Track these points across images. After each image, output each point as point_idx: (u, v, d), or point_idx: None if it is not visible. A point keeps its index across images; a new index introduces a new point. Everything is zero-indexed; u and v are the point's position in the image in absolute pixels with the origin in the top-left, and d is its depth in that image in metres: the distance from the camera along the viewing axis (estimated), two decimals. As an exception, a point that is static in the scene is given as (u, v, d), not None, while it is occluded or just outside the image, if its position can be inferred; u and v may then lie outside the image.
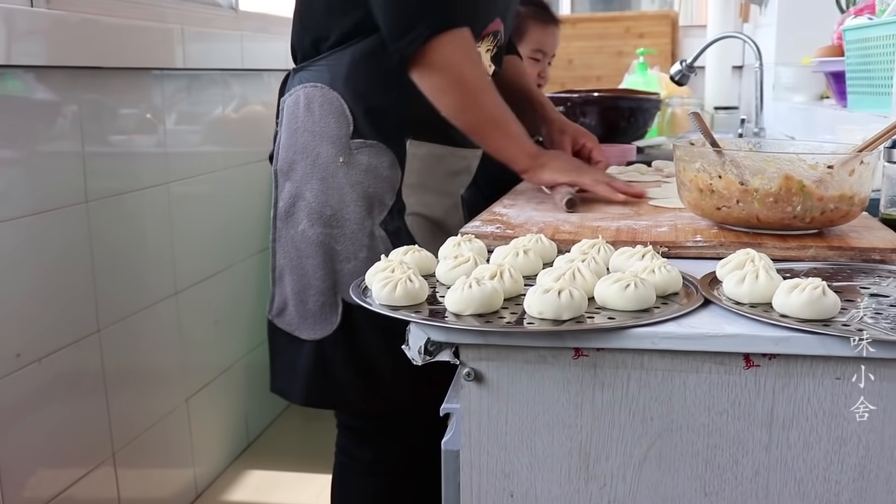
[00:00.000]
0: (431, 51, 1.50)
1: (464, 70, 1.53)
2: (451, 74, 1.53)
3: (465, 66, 1.53)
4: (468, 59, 1.54)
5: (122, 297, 2.06)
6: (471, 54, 1.55)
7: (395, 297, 0.96)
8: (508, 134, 1.59)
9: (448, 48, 1.51)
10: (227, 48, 2.57)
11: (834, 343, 0.85)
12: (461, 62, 1.53)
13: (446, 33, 1.50)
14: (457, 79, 1.54)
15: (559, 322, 0.90)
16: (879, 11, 2.07)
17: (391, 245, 1.60)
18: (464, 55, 1.53)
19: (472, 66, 1.55)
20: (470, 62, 1.54)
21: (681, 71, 2.89)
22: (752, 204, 1.21)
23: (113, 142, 2.04)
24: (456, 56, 1.52)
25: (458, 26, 1.51)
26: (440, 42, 1.50)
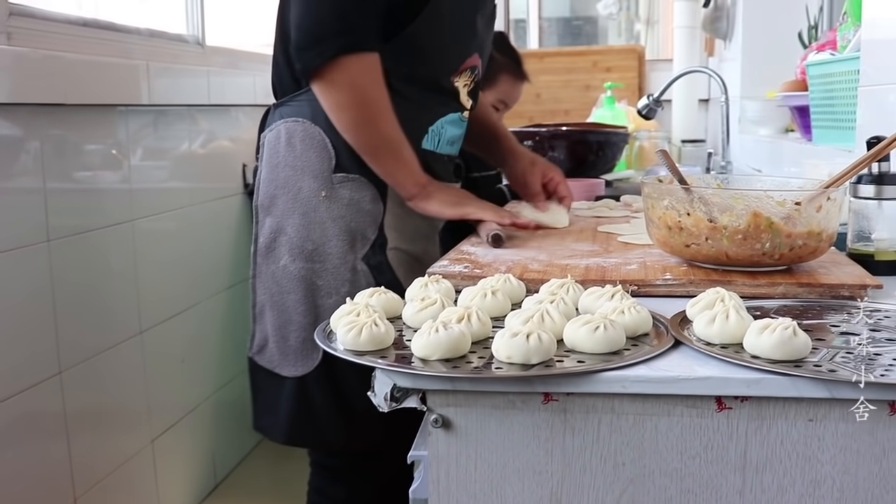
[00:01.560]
0: (337, 68, 1.51)
1: (367, 91, 1.54)
2: (353, 93, 1.53)
3: (369, 88, 1.54)
4: (373, 81, 1.54)
5: (85, 338, 2.02)
6: (376, 77, 1.54)
7: (360, 342, 0.94)
8: (400, 159, 1.59)
9: (354, 68, 1.52)
10: (194, 83, 2.55)
11: (806, 384, 0.84)
12: (365, 83, 1.53)
13: (356, 54, 1.51)
14: (358, 98, 1.54)
15: (528, 366, 0.88)
16: (841, 47, 2.09)
17: (373, 280, 1.59)
18: (369, 77, 1.53)
19: (376, 89, 1.54)
20: (374, 84, 1.54)
21: (648, 105, 2.90)
22: (721, 241, 1.20)
23: (77, 178, 2.01)
24: (361, 77, 1.53)
25: (368, 50, 1.52)
26: (348, 61, 1.51)
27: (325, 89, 1.54)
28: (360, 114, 1.55)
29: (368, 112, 1.55)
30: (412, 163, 1.60)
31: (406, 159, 1.59)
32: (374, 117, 1.55)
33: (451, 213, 1.61)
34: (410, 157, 1.59)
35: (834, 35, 2.20)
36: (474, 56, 1.70)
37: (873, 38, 1.61)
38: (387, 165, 1.59)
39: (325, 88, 1.54)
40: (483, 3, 1.73)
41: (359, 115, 1.55)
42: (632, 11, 5.30)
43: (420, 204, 1.61)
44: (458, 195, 1.66)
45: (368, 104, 1.54)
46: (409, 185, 1.60)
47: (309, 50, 1.51)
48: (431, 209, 1.61)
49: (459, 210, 1.61)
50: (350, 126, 1.56)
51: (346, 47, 1.50)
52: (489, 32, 1.82)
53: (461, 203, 1.62)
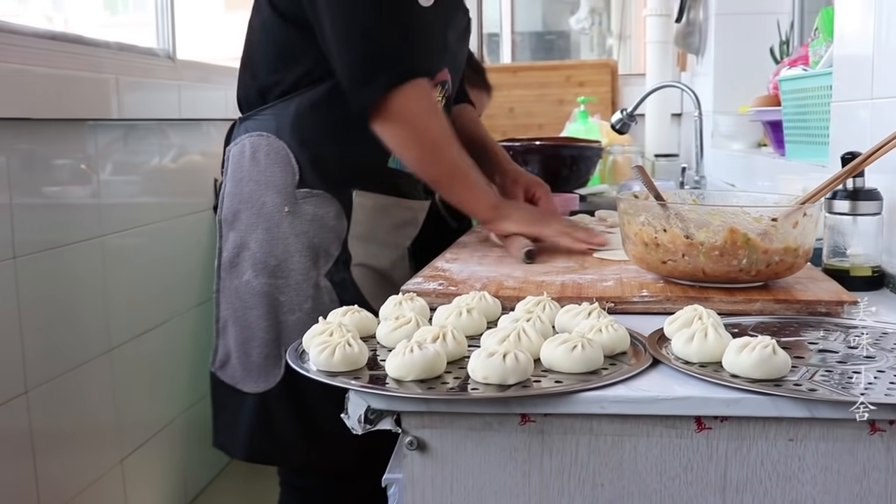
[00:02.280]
0: (392, 102, 1.48)
1: (425, 121, 1.52)
2: (412, 126, 1.52)
3: (426, 118, 1.52)
4: (429, 109, 1.53)
5: (52, 356, 1.98)
6: (431, 105, 1.53)
7: (333, 363, 0.92)
8: (470, 185, 1.58)
9: (408, 99, 1.49)
10: (165, 98, 2.52)
11: (786, 404, 0.83)
12: (422, 113, 1.52)
13: (406, 84, 1.48)
14: (418, 130, 1.52)
15: (504, 387, 0.87)
16: (813, 63, 2.10)
17: (336, 296, 1.57)
18: (425, 106, 1.52)
19: (433, 117, 1.53)
20: (431, 113, 1.53)
21: (621, 119, 2.90)
22: (697, 258, 1.20)
23: (44, 194, 1.98)
24: (416, 107, 1.51)
25: (417, 76, 1.50)
26: (400, 93, 1.48)
27: (383, 128, 1.52)
28: (423, 147, 1.54)
29: (430, 144, 1.54)
30: (482, 186, 1.60)
31: (476, 185, 1.59)
32: (436, 148, 1.54)
33: (529, 231, 1.59)
34: (479, 181, 1.59)
35: (806, 50, 2.21)
36: (444, 71, 1.69)
37: (845, 54, 1.61)
38: (458, 193, 1.60)
39: (383, 127, 1.52)
40: (454, 18, 1.72)
41: (421, 149, 1.54)
42: (604, 26, 5.33)
43: (497, 226, 1.61)
44: (532, 213, 1.66)
45: (429, 135, 1.53)
46: (484, 210, 1.60)
47: (361, 91, 1.48)
48: (509, 228, 1.59)
49: (538, 230, 1.60)
50: (416, 161, 1.56)
51: (395, 79, 1.48)
52: (462, 48, 1.81)
53: (539, 222, 1.62)
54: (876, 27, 1.43)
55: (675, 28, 3.49)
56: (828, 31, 1.99)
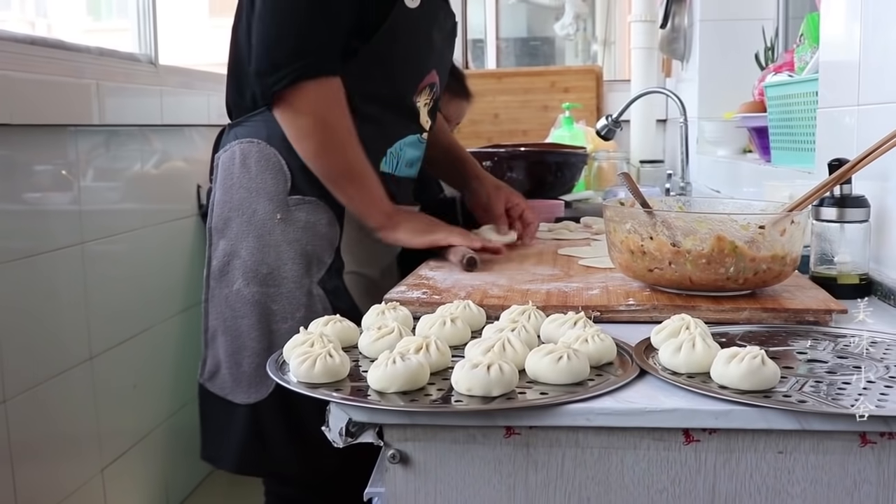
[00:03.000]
0: (299, 93, 1.48)
1: (328, 117, 1.50)
2: (314, 120, 1.50)
3: (331, 113, 1.51)
4: (335, 107, 1.51)
5: (31, 365, 1.95)
6: (339, 102, 1.51)
7: (313, 374, 0.90)
8: (365, 187, 1.56)
9: (316, 93, 1.49)
10: (146, 103, 2.49)
11: (776, 416, 0.82)
12: (327, 108, 1.50)
13: (317, 79, 1.47)
14: (320, 125, 1.51)
15: (489, 399, 0.85)
16: (798, 69, 2.09)
17: (329, 304, 1.56)
18: (332, 102, 1.50)
19: (338, 115, 1.51)
20: (336, 110, 1.51)
21: (607, 126, 2.89)
22: (684, 266, 1.18)
23: (24, 200, 1.95)
24: (323, 102, 1.50)
25: (329, 74, 1.49)
26: (308, 86, 1.47)
27: (286, 116, 1.51)
28: (323, 141, 1.52)
29: (331, 139, 1.52)
30: (378, 192, 1.56)
31: (371, 188, 1.56)
32: (337, 144, 1.52)
33: (420, 242, 1.57)
34: (376, 185, 1.56)
35: (791, 56, 2.20)
36: (432, 73, 1.67)
37: (831, 60, 1.60)
38: (351, 194, 1.56)
39: (286, 115, 1.51)
40: (440, 18, 1.70)
41: (322, 142, 1.52)
42: (589, 32, 5.32)
43: (388, 234, 1.57)
44: (424, 222, 1.62)
45: (331, 130, 1.51)
46: (376, 215, 1.57)
47: (269, 75, 1.48)
48: (400, 239, 1.57)
49: (428, 237, 1.57)
50: (313, 153, 1.53)
51: (306, 72, 1.46)
52: (449, 49, 1.79)
53: (429, 230, 1.59)
54: (862, 33, 1.43)
55: (660, 34, 3.48)
56: (813, 36, 1.98)
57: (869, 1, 1.41)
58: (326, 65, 1.49)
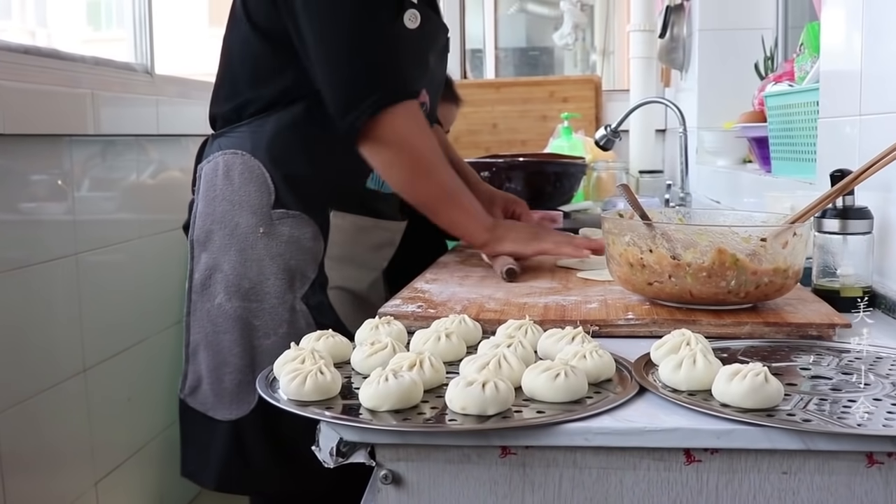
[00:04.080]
0: (381, 124, 1.44)
1: (415, 143, 1.48)
2: (401, 148, 1.47)
3: (416, 140, 1.48)
4: (419, 131, 1.49)
5: (23, 377, 1.93)
6: (421, 126, 1.49)
7: (304, 392, 0.88)
8: (462, 208, 1.54)
9: (398, 121, 1.45)
10: (142, 113, 2.48)
11: (780, 435, 0.80)
12: (412, 135, 1.48)
13: (396, 106, 1.44)
14: (408, 153, 1.48)
15: (484, 418, 0.83)
16: (799, 78, 2.08)
17: (313, 320, 1.53)
18: (414, 128, 1.48)
19: (424, 139, 1.49)
20: (421, 135, 1.49)
21: (605, 136, 2.88)
22: (684, 279, 1.16)
23: (19, 210, 1.93)
24: (406, 129, 1.47)
25: (406, 98, 1.46)
26: (390, 115, 1.44)
27: (371, 150, 1.48)
28: (412, 169, 1.50)
29: (420, 165, 1.49)
30: (476, 209, 1.55)
31: (468, 207, 1.54)
32: (427, 170, 1.50)
33: (530, 251, 1.55)
34: (472, 203, 1.54)
35: (791, 66, 2.18)
36: (423, 93, 1.65)
37: (832, 70, 1.59)
38: (450, 217, 1.54)
39: (371, 149, 1.48)
40: (436, 39, 1.68)
41: (411, 172, 1.50)
42: (587, 42, 5.31)
43: (494, 248, 1.55)
44: (528, 231, 1.60)
45: (418, 157, 1.49)
46: (479, 233, 1.55)
47: (349, 113, 1.44)
48: (508, 250, 1.54)
49: (537, 246, 1.55)
50: (406, 183, 1.51)
51: (385, 100, 1.43)
52: (441, 68, 1.77)
53: (537, 238, 1.57)
54: (863, 42, 1.41)
55: (659, 44, 3.47)
56: (813, 46, 1.96)
57: (869, 9, 1.39)
58: (401, 90, 1.46)
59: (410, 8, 1.54)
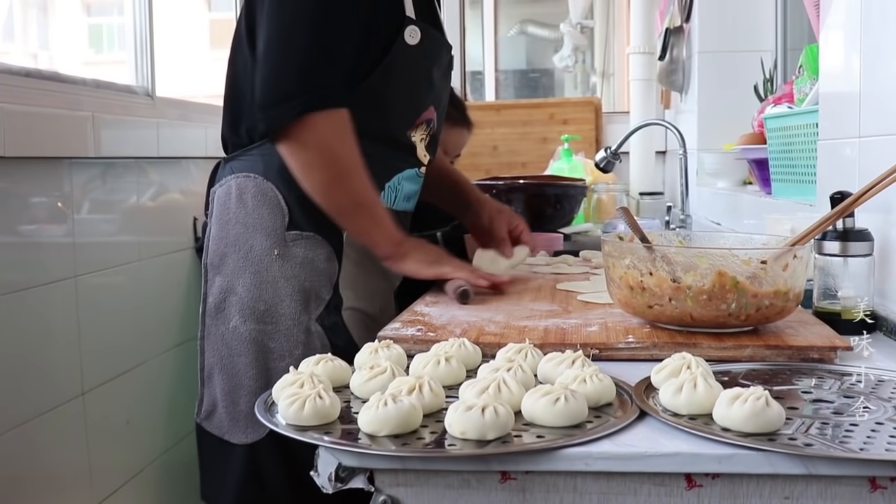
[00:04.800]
0: (304, 126, 1.45)
1: (335, 149, 1.48)
2: (321, 152, 1.48)
3: (339, 146, 1.48)
4: (342, 139, 1.48)
5: (21, 400, 1.92)
6: (346, 134, 1.49)
7: (303, 417, 0.87)
8: (374, 218, 1.53)
9: (322, 126, 1.46)
10: (143, 135, 2.48)
11: (781, 460, 0.79)
12: (334, 141, 1.48)
13: (322, 111, 1.45)
14: (327, 157, 1.48)
15: (484, 443, 0.82)
16: (798, 100, 2.08)
17: (328, 342, 1.53)
18: (338, 135, 1.48)
19: (346, 147, 1.49)
20: (344, 142, 1.49)
21: (605, 158, 2.88)
22: (685, 302, 1.16)
23: (18, 233, 1.92)
24: (329, 135, 1.47)
25: (336, 106, 1.46)
26: (314, 119, 1.45)
27: (292, 149, 1.48)
28: (331, 173, 1.49)
29: (339, 171, 1.49)
30: (386, 221, 1.54)
31: (380, 218, 1.53)
32: (345, 176, 1.49)
33: (428, 273, 1.54)
34: (384, 215, 1.54)
35: (790, 88, 2.19)
36: (430, 109, 1.66)
37: (831, 92, 1.59)
38: (360, 225, 1.54)
39: (292, 148, 1.48)
40: (439, 56, 1.69)
41: (329, 175, 1.49)
42: (587, 64, 5.33)
43: (396, 263, 1.55)
44: (434, 253, 1.60)
45: (339, 163, 1.49)
46: (385, 245, 1.54)
47: (273, 108, 1.45)
48: (408, 269, 1.55)
49: (436, 269, 1.54)
50: (320, 187, 1.50)
51: (312, 104, 1.44)
52: (446, 85, 1.78)
53: (437, 262, 1.56)
54: (862, 64, 1.41)
55: (659, 66, 3.48)
56: (812, 68, 1.97)
57: (868, 32, 1.39)
58: (332, 96, 1.47)
59: (411, 24, 1.55)
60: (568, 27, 4.19)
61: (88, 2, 3.10)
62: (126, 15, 2.56)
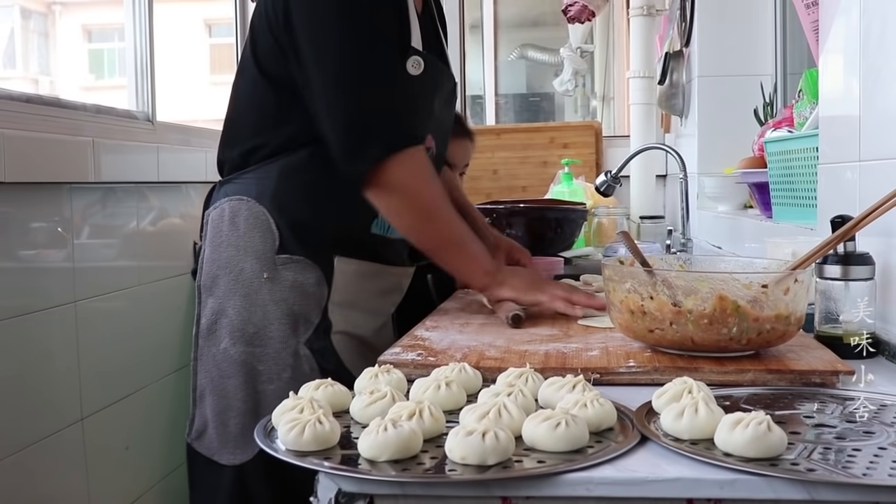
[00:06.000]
0: (386, 171, 1.45)
1: (420, 190, 1.49)
2: (407, 195, 1.49)
3: (422, 186, 1.49)
4: (424, 178, 1.50)
5: (20, 426, 1.91)
6: (426, 173, 1.50)
7: (302, 442, 0.87)
8: (466, 253, 1.55)
9: (403, 168, 1.46)
10: (143, 160, 2.48)
11: (783, 486, 0.78)
12: (417, 182, 1.49)
13: (401, 153, 1.45)
14: (413, 199, 1.49)
15: (484, 468, 0.82)
16: (798, 124, 2.08)
17: (316, 365, 1.53)
18: (419, 174, 1.49)
19: (429, 185, 1.50)
20: (426, 181, 1.50)
21: (606, 182, 2.88)
22: (686, 326, 1.15)
23: (18, 258, 1.92)
24: (411, 176, 1.48)
25: (412, 144, 1.47)
26: (395, 162, 1.45)
27: (377, 197, 1.49)
28: (418, 216, 1.51)
29: (425, 213, 1.51)
30: (479, 254, 1.56)
31: (471, 253, 1.55)
32: (432, 217, 1.51)
33: (528, 299, 1.55)
34: (476, 248, 1.56)
35: (790, 112, 2.19)
36: (428, 138, 1.66)
37: (831, 116, 1.59)
38: (454, 262, 1.57)
39: (377, 196, 1.49)
40: (441, 86, 1.69)
41: (417, 218, 1.51)
42: (588, 88, 5.35)
43: (494, 293, 1.56)
44: (528, 279, 1.60)
45: (424, 204, 1.50)
46: (481, 277, 1.56)
47: (354, 160, 1.45)
48: (506, 296, 1.55)
49: (534, 296, 1.55)
50: (411, 230, 1.53)
51: (390, 147, 1.45)
52: (448, 114, 1.79)
53: (534, 288, 1.57)
54: (862, 88, 1.41)
55: (659, 90, 3.49)
56: (812, 92, 1.97)
57: (867, 56, 1.40)
58: (408, 136, 1.48)
59: (414, 55, 1.56)
60: (568, 51, 4.20)
61: (89, 28, 3.12)
62: (126, 40, 2.57)
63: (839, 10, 1.51)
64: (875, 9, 1.37)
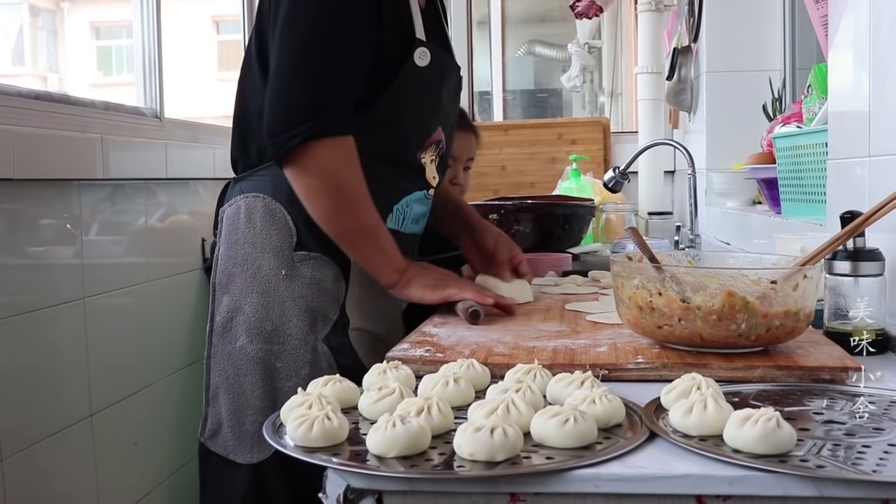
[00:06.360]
0: (310, 153, 1.45)
1: (341, 176, 1.48)
2: (326, 179, 1.48)
3: (343, 173, 1.48)
4: (347, 166, 1.49)
5: (29, 423, 1.92)
6: (351, 162, 1.49)
7: (311, 438, 0.87)
8: (378, 245, 1.53)
9: (328, 153, 1.46)
10: (152, 157, 2.49)
11: (793, 482, 0.78)
12: (340, 168, 1.48)
13: (328, 138, 1.45)
14: (333, 184, 1.48)
15: (493, 464, 0.82)
16: (807, 120, 2.08)
17: (335, 361, 1.53)
18: (343, 162, 1.48)
19: (350, 174, 1.49)
20: (349, 169, 1.49)
21: (614, 178, 2.88)
22: (694, 322, 1.15)
23: (28, 254, 1.93)
24: (335, 162, 1.47)
25: (341, 134, 1.46)
26: (326, 145, 1.45)
27: (297, 175, 1.48)
28: (335, 200, 1.49)
29: (343, 198, 1.49)
30: (390, 249, 1.54)
31: (384, 246, 1.53)
32: (349, 204, 1.50)
33: (434, 298, 1.53)
34: (388, 242, 1.54)
35: (799, 107, 2.19)
36: (438, 130, 1.66)
37: (840, 111, 1.58)
38: (364, 253, 1.54)
39: (297, 174, 1.48)
40: (448, 77, 1.69)
41: (333, 202, 1.50)
42: (595, 84, 5.34)
43: (401, 291, 1.55)
44: (437, 276, 1.59)
45: (343, 190, 1.49)
46: (389, 273, 1.54)
47: (280, 134, 1.45)
48: (413, 295, 1.54)
49: (441, 293, 1.54)
50: (325, 213, 1.50)
51: (318, 132, 1.44)
52: (454, 106, 1.78)
53: (442, 284, 1.55)
54: (871, 83, 1.41)
55: (667, 86, 3.48)
56: (821, 87, 1.97)
57: (876, 51, 1.39)
58: (339, 124, 1.47)
59: (421, 46, 1.56)
60: (575, 47, 4.20)
61: (97, 25, 3.13)
62: (134, 37, 2.58)
63: (848, 4, 1.50)
64: (884, 3, 1.36)
